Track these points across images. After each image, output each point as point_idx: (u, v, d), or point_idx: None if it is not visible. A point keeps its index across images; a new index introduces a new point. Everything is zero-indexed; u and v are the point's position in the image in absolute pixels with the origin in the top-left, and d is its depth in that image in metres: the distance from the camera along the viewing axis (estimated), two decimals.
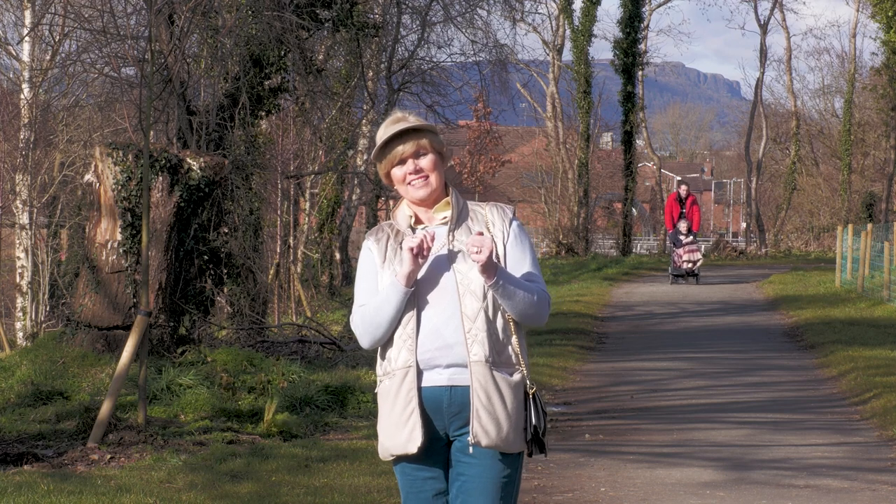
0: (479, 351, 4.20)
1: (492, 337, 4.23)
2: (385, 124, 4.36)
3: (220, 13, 14.81)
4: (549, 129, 48.90)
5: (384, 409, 4.30)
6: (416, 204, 4.37)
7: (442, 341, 4.22)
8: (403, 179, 4.34)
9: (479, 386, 4.20)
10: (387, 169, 4.37)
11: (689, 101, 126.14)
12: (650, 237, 63.31)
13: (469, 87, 29.02)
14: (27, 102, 22.83)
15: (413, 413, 4.21)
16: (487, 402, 4.20)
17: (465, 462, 4.26)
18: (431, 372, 4.24)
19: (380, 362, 4.35)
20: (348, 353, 14.91)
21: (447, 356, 4.22)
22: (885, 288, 22.02)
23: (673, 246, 26.92)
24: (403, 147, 4.32)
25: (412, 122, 4.34)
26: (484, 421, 4.19)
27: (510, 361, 4.27)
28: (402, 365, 4.24)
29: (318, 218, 29.32)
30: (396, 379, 4.25)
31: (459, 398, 4.23)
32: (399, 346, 4.25)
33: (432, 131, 4.39)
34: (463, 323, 4.21)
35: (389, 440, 4.28)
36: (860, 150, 48.78)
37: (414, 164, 4.32)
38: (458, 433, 4.27)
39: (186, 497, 7.76)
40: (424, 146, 4.34)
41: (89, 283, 12.34)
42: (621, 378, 13.94)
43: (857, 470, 8.92)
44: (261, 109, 15.46)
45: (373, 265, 4.35)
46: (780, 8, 48.88)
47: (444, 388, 4.23)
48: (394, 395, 4.25)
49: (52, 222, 25.22)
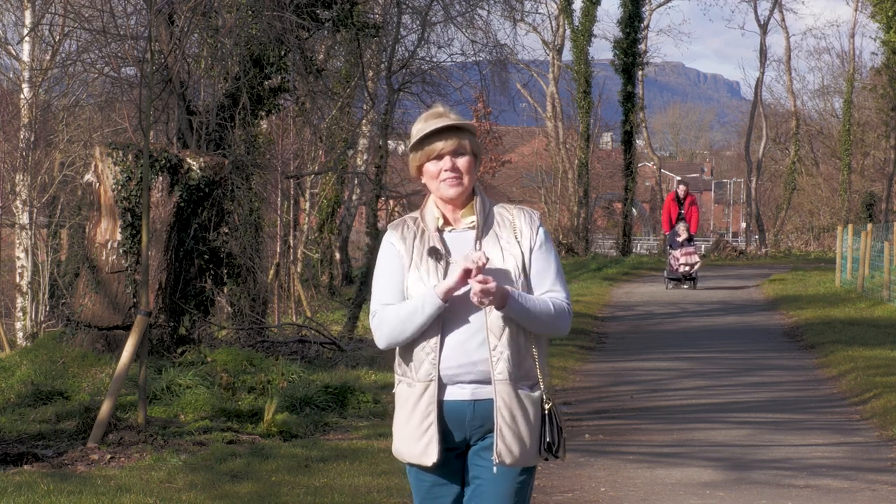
0: (504, 369, 4.14)
1: (515, 353, 4.16)
2: (425, 117, 4.25)
3: (220, 13, 14.80)
4: (549, 129, 48.93)
5: (401, 415, 4.25)
6: (445, 202, 4.26)
7: (466, 358, 4.15)
8: (437, 175, 4.22)
9: (504, 404, 4.15)
10: (421, 161, 4.24)
11: (689, 101, 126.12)
12: (650, 237, 63.34)
13: (469, 87, 28.96)
14: (27, 102, 22.84)
15: (431, 427, 4.16)
16: (511, 421, 4.15)
17: (481, 466, 4.22)
18: (454, 386, 4.18)
19: (399, 363, 4.28)
20: (348, 353, 14.91)
21: (471, 373, 4.16)
22: (885, 288, 22.02)
23: (669, 248, 25.62)
24: (444, 143, 4.21)
25: (455, 120, 4.23)
26: (508, 440, 4.15)
27: (531, 374, 4.22)
28: (424, 378, 4.17)
29: (318, 218, 29.33)
30: (416, 389, 4.18)
31: (482, 412, 4.17)
32: (421, 357, 4.18)
33: (473, 132, 4.28)
34: (489, 339, 4.14)
35: (405, 447, 4.24)
36: (860, 150, 48.80)
37: (451, 162, 4.21)
38: (478, 440, 4.22)
39: (186, 497, 7.76)
40: (464, 146, 4.23)
41: (89, 283, 12.34)
42: (621, 378, 13.94)
43: (857, 470, 8.92)
44: (261, 109, 15.46)
45: (398, 263, 4.23)
46: (780, 8, 49.01)
47: (467, 402, 4.18)
48: (413, 404, 4.20)
49: (52, 222, 25.23)
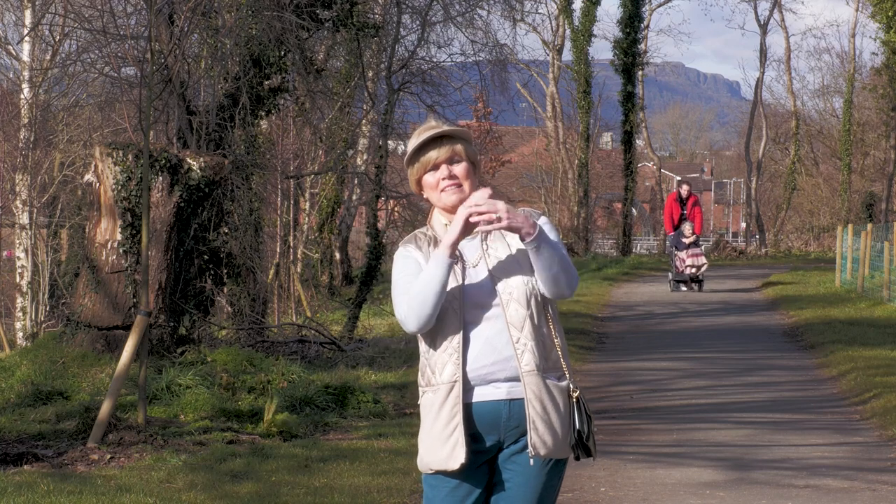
0: (531, 360, 4.13)
1: (539, 344, 4.16)
2: (418, 131, 4.28)
3: (220, 13, 14.81)
4: (549, 129, 48.94)
5: (426, 423, 4.21)
6: (448, 211, 4.27)
7: (498, 355, 4.14)
8: (436, 185, 4.24)
9: (534, 396, 4.14)
10: (419, 174, 4.27)
11: (689, 101, 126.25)
12: (650, 237, 63.36)
13: (469, 87, 28.98)
14: (27, 102, 22.84)
15: (457, 429, 4.13)
16: (543, 412, 4.14)
17: (511, 469, 4.21)
18: (488, 387, 4.15)
19: (423, 373, 4.25)
20: (348, 353, 14.92)
21: (505, 370, 4.14)
22: (885, 288, 22.02)
23: (675, 249, 24.91)
24: (437, 152, 4.23)
25: (447, 128, 4.26)
26: (541, 431, 4.14)
27: (558, 365, 4.22)
28: (448, 379, 4.14)
29: (318, 218, 29.33)
30: (441, 393, 4.15)
31: (518, 411, 4.15)
32: (444, 359, 4.15)
33: (466, 139, 4.30)
34: (510, 333, 4.14)
35: (430, 454, 4.19)
36: (860, 150, 48.80)
37: (448, 170, 4.23)
38: (511, 444, 4.20)
39: (186, 497, 7.76)
40: (459, 152, 4.25)
41: (89, 283, 12.34)
42: (621, 378, 13.94)
43: (858, 470, 8.92)
44: (261, 109, 15.45)
45: (418, 265, 4.22)
46: (780, 8, 49.00)
47: (503, 402, 4.15)
48: (437, 408, 4.16)
49: (52, 222, 25.23)
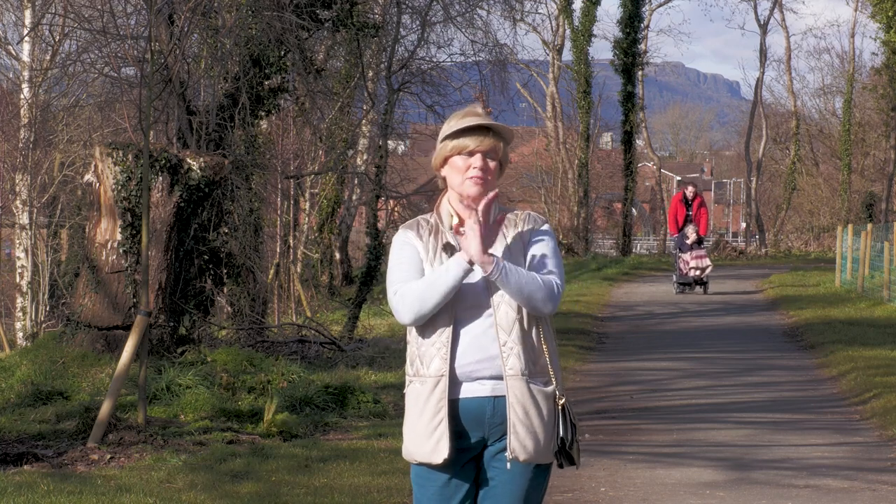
0: (516, 364, 4.15)
1: (527, 348, 4.17)
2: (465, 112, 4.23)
3: (220, 13, 14.81)
4: (549, 129, 48.92)
5: (412, 413, 4.24)
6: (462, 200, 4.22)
7: (484, 352, 4.16)
8: (465, 170, 4.20)
9: (516, 400, 4.15)
10: (452, 153, 4.22)
11: (689, 101, 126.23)
12: (650, 237, 63.35)
13: (469, 87, 28.97)
14: (27, 102, 22.84)
15: (441, 423, 4.15)
16: (525, 417, 4.16)
17: (496, 467, 4.23)
18: (474, 383, 4.18)
19: (411, 362, 4.26)
20: (348, 353, 14.92)
21: (490, 368, 4.16)
22: (885, 288, 22.02)
23: (679, 251, 24.60)
24: (480, 141, 4.19)
25: (498, 123, 4.22)
26: (521, 436, 4.15)
27: (545, 371, 4.22)
28: (435, 373, 4.17)
29: (318, 218, 29.32)
30: (427, 385, 4.18)
31: (502, 409, 4.17)
32: (433, 352, 4.17)
33: (508, 142, 4.28)
34: (498, 335, 4.16)
35: (415, 447, 4.23)
36: (860, 150, 48.79)
37: (483, 161, 4.19)
38: (496, 441, 4.22)
39: (186, 497, 7.76)
40: (498, 150, 4.23)
41: (89, 283, 12.34)
42: (621, 378, 13.94)
43: (858, 470, 8.92)
44: (261, 109, 15.45)
45: (416, 254, 4.21)
46: (780, 8, 48.99)
47: (487, 398, 4.18)
48: (423, 401, 4.19)
49: (52, 222, 25.23)
